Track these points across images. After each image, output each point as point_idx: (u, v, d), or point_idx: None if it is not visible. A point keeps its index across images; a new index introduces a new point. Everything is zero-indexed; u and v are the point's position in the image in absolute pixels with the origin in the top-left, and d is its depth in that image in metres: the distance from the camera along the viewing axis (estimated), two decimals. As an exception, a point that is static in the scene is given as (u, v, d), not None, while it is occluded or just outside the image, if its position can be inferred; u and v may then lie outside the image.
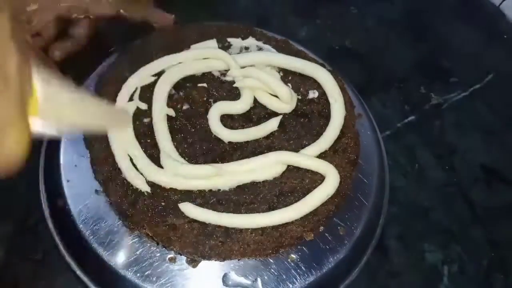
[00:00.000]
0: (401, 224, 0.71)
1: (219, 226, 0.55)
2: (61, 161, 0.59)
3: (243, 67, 0.65)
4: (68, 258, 0.57)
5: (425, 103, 0.86)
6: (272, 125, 0.62)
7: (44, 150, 0.64)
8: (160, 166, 0.57)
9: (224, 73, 0.66)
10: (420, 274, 0.68)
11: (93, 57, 0.69)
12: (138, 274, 0.53)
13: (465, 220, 0.74)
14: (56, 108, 0.37)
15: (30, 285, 0.61)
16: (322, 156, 0.60)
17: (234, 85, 0.64)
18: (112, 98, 0.62)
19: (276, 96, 0.64)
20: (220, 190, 0.58)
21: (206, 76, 0.66)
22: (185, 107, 0.64)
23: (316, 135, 0.62)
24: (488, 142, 0.83)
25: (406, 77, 0.89)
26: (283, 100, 0.62)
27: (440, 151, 0.81)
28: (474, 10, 1.01)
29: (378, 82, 0.87)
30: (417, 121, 0.83)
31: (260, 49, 0.67)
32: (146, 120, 0.61)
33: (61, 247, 0.58)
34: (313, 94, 0.65)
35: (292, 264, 0.55)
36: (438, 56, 0.93)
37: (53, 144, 0.61)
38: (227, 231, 0.55)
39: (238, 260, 0.54)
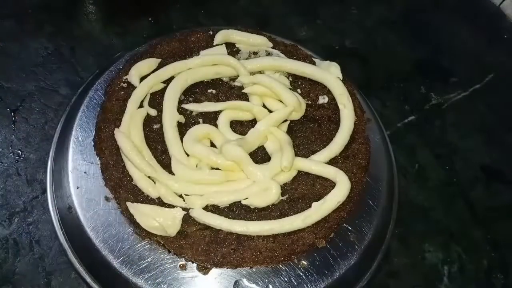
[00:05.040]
0: (401, 224, 0.71)
1: (231, 234, 0.54)
2: (70, 167, 0.58)
3: (252, 73, 0.64)
4: (78, 265, 0.57)
5: (425, 103, 0.87)
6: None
7: (53, 156, 0.63)
8: (171, 172, 0.57)
9: (233, 78, 0.65)
10: (420, 274, 0.69)
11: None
12: (149, 282, 0.53)
13: (465, 220, 0.75)
14: None
15: (30, 285, 0.61)
16: (332, 162, 0.60)
17: (243, 91, 0.64)
18: (122, 105, 0.61)
19: (285, 102, 0.64)
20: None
21: (215, 82, 0.65)
22: (194, 113, 0.63)
23: (326, 141, 0.62)
24: (488, 142, 0.83)
25: (406, 77, 0.89)
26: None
27: (440, 151, 0.81)
28: (474, 10, 1.01)
29: (378, 82, 0.88)
30: (417, 121, 0.84)
31: (268, 54, 0.67)
32: (156, 126, 0.60)
33: (70, 254, 0.58)
34: (323, 99, 0.65)
35: (303, 270, 0.55)
36: (438, 56, 0.93)
37: (62, 150, 0.61)
38: (239, 238, 0.54)
39: (250, 267, 0.54)
